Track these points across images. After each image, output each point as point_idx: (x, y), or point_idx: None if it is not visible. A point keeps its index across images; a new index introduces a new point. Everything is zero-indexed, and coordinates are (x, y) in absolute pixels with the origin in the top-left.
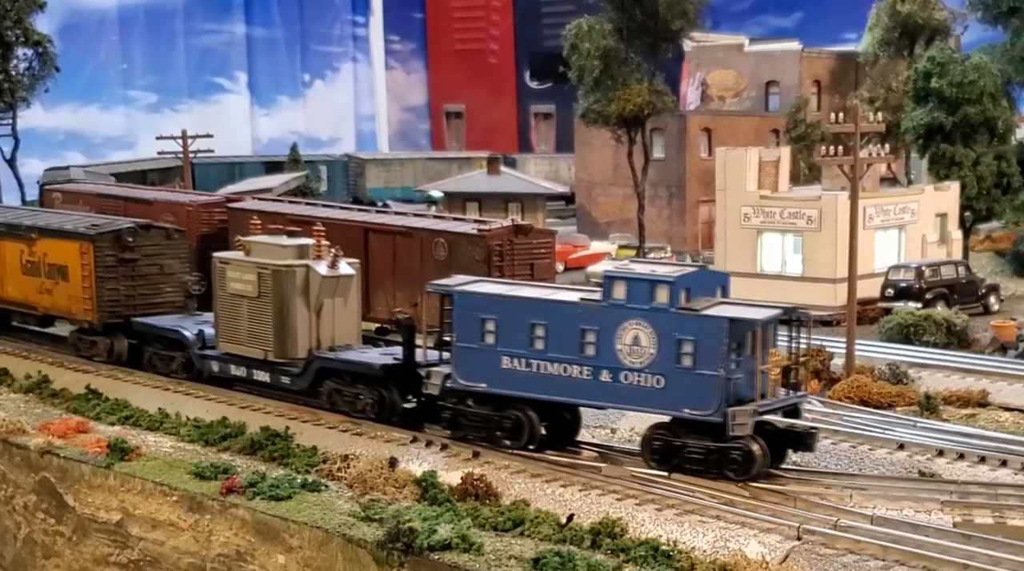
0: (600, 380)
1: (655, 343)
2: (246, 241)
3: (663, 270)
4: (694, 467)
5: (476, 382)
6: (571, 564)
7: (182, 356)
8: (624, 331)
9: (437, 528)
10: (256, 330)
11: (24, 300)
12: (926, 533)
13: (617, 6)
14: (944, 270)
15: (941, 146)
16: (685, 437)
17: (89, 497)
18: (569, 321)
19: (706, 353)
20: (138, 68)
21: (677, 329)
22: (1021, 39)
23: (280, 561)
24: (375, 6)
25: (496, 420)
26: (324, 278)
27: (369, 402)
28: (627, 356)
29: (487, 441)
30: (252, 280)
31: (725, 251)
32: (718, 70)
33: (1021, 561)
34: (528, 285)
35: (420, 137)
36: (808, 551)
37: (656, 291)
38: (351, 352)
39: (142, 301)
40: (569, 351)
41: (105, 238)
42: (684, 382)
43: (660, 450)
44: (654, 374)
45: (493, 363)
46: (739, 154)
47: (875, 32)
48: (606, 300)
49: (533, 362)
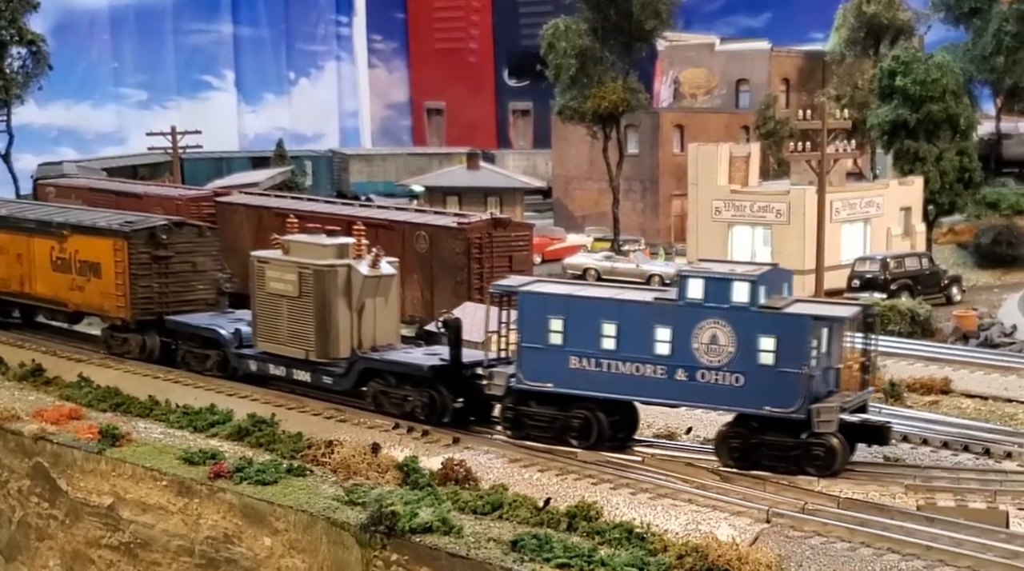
0: (675, 379)
1: (734, 341)
2: (284, 240)
3: (741, 269)
4: (773, 464)
5: (542, 382)
6: (548, 546)
7: (217, 354)
8: (701, 330)
9: (418, 512)
10: (297, 330)
11: (54, 297)
12: (891, 516)
13: (593, 7)
14: (908, 262)
15: (905, 142)
16: (761, 435)
17: (81, 482)
18: (642, 320)
19: (789, 351)
20: (129, 66)
21: (758, 327)
22: (982, 39)
23: (266, 543)
24: (358, 6)
25: (563, 420)
26: (366, 278)
27: (420, 404)
28: (704, 355)
29: (552, 442)
30: (292, 280)
31: (697, 244)
32: (690, 68)
33: (982, 543)
34: (595, 285)
35: (402, 133)
36: (777, 533)
37: (735, 290)
38: (395, 352)
39: (175, 298)
40: (642, 350)
41: (139, 235)
42: (765, 380)
43: (739, 449)
44: (733, 372)
45: (560, 363)
46: (710, 150)
47: (842, 32)
48: (682, 299)
49: (603, 362)
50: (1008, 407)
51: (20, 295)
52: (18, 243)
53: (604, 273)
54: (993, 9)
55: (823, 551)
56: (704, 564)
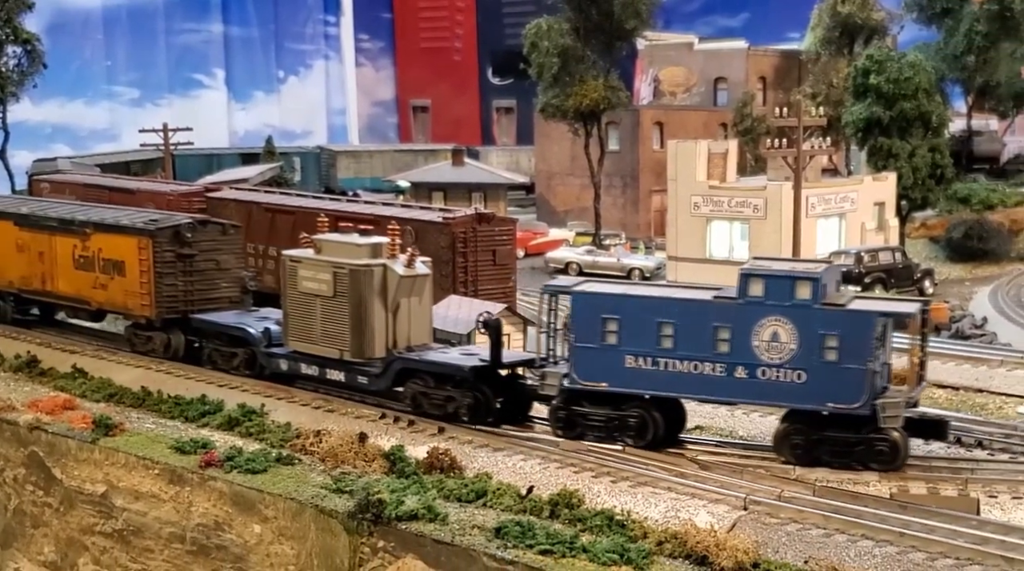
0: (735, 377)
1: (796, 339)
2: (317, 239)
3: (803, 267)
4: (836, 460)
5: (596, 382)
6: (531, 533)
7: (244, 353)
8: (762, 328)
9: (404, 499)
10: (331, 329)
11: (77, 295)
12: (865, 503)
13: (574, 7)
14: (882, 256)
15: (879, 139)
16: (822, 431)
17: (75, 470)
18: (701, 319)
19: (853, 347)
20: (121, 65)
21: (822, 324)
22: (953, 38)
23: (256, 530)
24: (346, 6)
25: (619, 419)
26: (402, 277)
27: (464, 405)
28: (765, 352)
29: (605, 441)
30: (327, 279)
31: (676, 238)
32: (669, 67)
33: (953, 529)
34: (649, 285)
35: (388, 130)
36: (754, 520)
37: (798, 288)
38: (432, 353)
39: (199, 296)
40: (700, 349)
41: (164, 233)
42: (828, 377)
43: (801, 446)
44: (795, 369)
45: (615, 362)
46: (689, 146)
47: (817, 31)
48: (742, 298)
49: (660, 360)
50: (979, 397)
51: (42, 293)
52: (39, 241)
53: (586, 267)
54: (964, 9)
55: (799, 537)
56: (683, 550)
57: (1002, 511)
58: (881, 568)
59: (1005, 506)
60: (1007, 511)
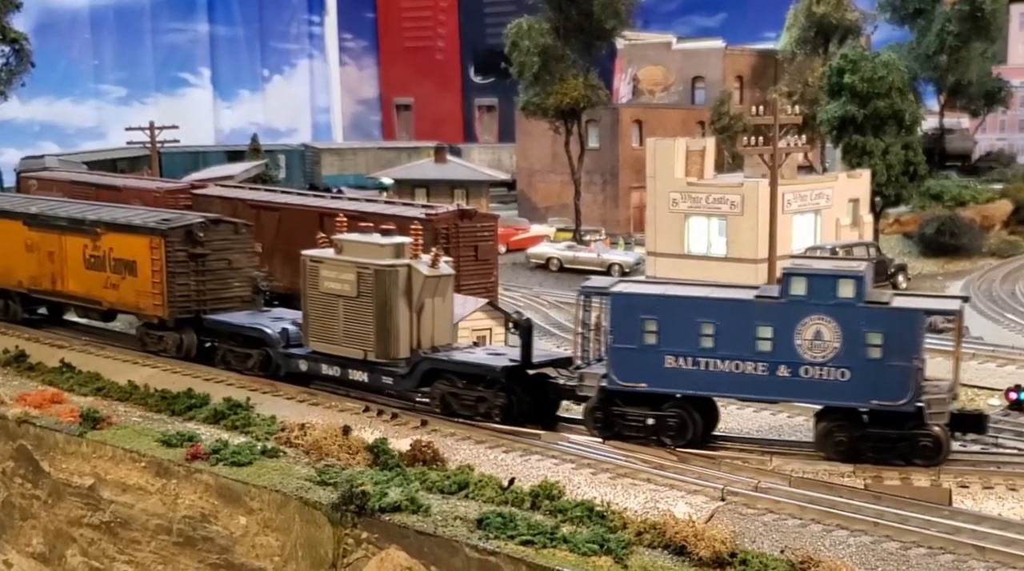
0: (777, 375)
1: (840, 337)
2: (338, 239)
3: (845, 265)
4: (879, 456)
5: (635, 382)
6: (512, 524)
7: (259, 353)
8: (805, 327)
9: (388, 491)
10: (354, 330)
11: (87, 295)
12: (839, 493)
13: (554, 7)
14: (856, 251)
15: (853, 137)
16: (864, 428)
17: (63, 463)
18: (742, 319)
19: (898, 344)
20: (108, 64)
21: (866, 323)
22: (926, 38)
23: (242, 522)
24: (330, 6)
25: (659, 420)
26: (427, 277)
27: (497, 406)
28: (807, 351)
29: (643, 441)
30: (350, 279)
31: (655, 234)
32: (648, 66)
33: (926, 519)
34: (688, 284)
35: (372, 128)
36: (731, 511)
37: (841, 286)
38: (459, 353)
39: (211, 296)
40: (742, 348)
41: (176, 233)
42: (873, 374)
43: (844, 443)
44: (838, 367)
45: (655, 363)
46: (668, 144)
47: (793, 31)
48: (784, 297)
49: (700, 360)
50: None
51: (51, 293)
52: (49, 241)
53: (566, 262)
54: (936, 10)
55: (775, 527)
56: (662, 541)
57: (974, 501)
58: (855, 557)
59: (976, 496)
60: (978, 501)
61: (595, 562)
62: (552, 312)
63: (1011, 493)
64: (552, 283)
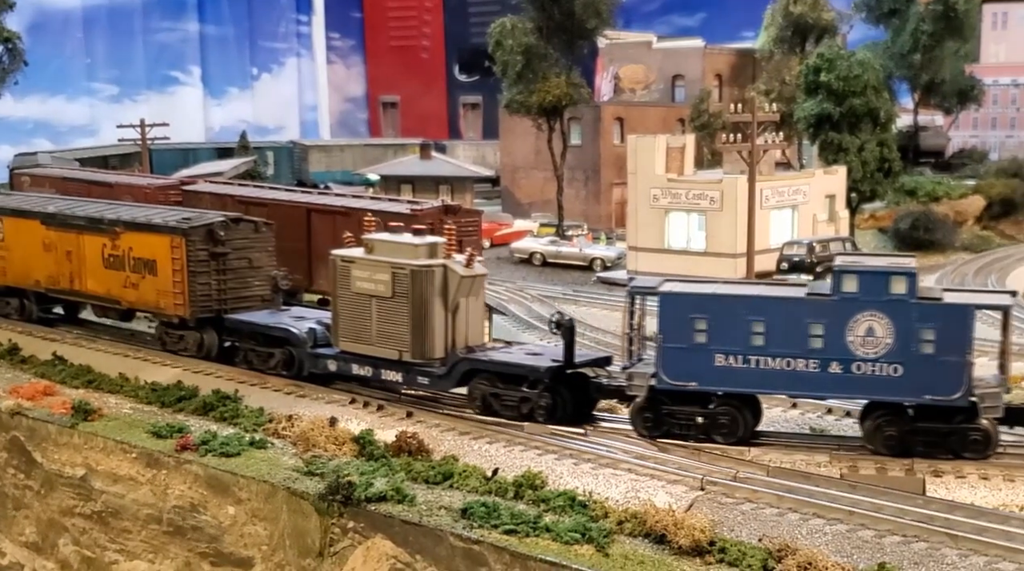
0: (828, 372)
1: (892, 333)
2: (368, 239)
3: (897, 262)
4: (928, 450)
5: (685, 381)
6: (496, 513)
7: (282, 353)
8: (857, 323)
9: (374, 481)
10: (388, 330)
11: (106, 294)
12: (816, 483)
13: (537, 6)
14: (832, 246)
15: (829, 134)
16: (914, 423)
17: (55, 454)
18: (793, 316)
19: (951, 340)
20: (100, 62)
21: (919, 318)
22: (900, 37)
23: (230, 512)
24: (317, 6)
25: (711, 418)
26: (462, 277)
27: (541, 406)
28: (860, 347)
29: (695, 439)
30: (385, 279)
31: (636, 229)
32: (629, 65)
33: (900, 507)
34: (737, 283)
35: (359, 125)
36: (711, 500)
37: (893, 283)
38: (497, 352)
39: (232, 295)
40: (793, 345)
41: (198, 232)
42: (925, 369)
43: (894, 437)
44: (891, 363)
45: (704, 362)
46: (648, 141)
47: (770, 31)
48: (836, 294)
49: (751, 358)
50: None
51: (69, 293)
52: (67, 240)
53: (549, 257)
54: (911, 10)
55: (753, 516)
56: (643, 529)
57: (947, 490)
58: (832, 545)
59: (949, 485)
60: (951, 490)
61: (577, 551)
62: (535, 305)
63: (983, 482)
64: (535, 277)
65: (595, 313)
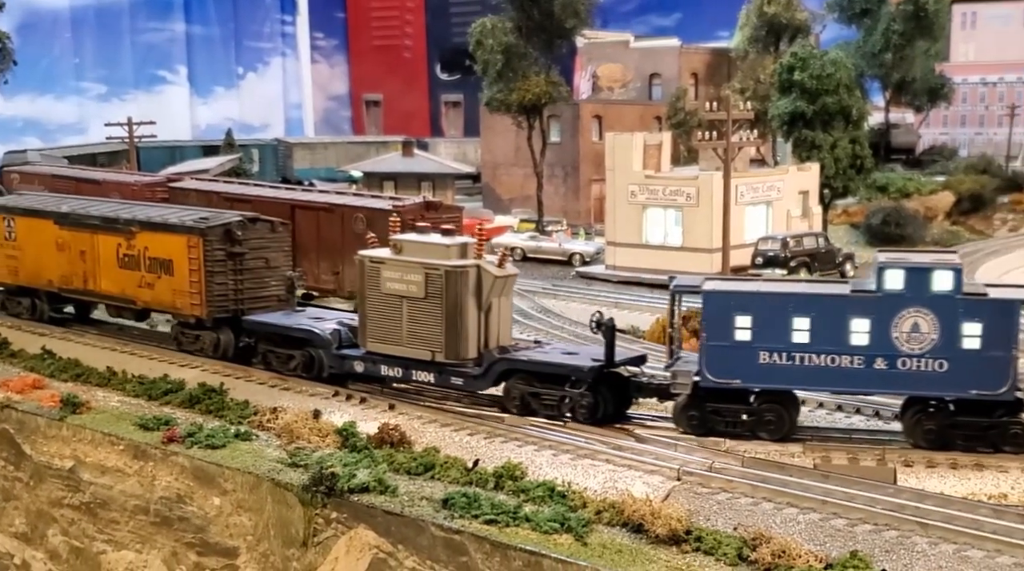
0: (873, 368)
1: (937, 329)
2: (397, 239)
3: (942, 258)
4: (969, 444)
5: (728, 379)
6: (477, 504)
7: (302, 354)
8: (902, 319)
9: (356, 473)
10: (421, 331)
11: (121, 294)
12: (790, 473)
13: (517, 6)
14: (806, 241)
15: (803, 131)
16: (954, 417)
17: (44, 446)
18: (838, 313)
19: (996, 335)
20: (89, 62)
21: (964, 314)
22: (872, 37)
23: (216, 502)
24: (301, 6)
25: (757, 415)
26: (496, 278)
27: (584, 406)
28: (904, 343)
29: (739, 436)
30: (417, 280)
31: (614, 224)
32: (607, 64)
33: (871, 496)
34: (780, 281)
35: (342, 123)
36: (687, 490)
37: (939, 279)
38: (535, 352)
39: (249, 295)
40: (837, 342)
41: (215, 232)
42: (971, 364)
43: (934, 431)
44: (936, 359)
45: (748, 359)
46: (626, 138)
47: (745, 30)
48: (880, 290)
49: (795, 355)
50: None
51: (83, 293)
52: (81, 240)
53: (529, 252)
54: (882, 10)
55: (728, 506)
56: (620, 519)
57: (917, 479)
58: (805, 534)
59: (919, 474)
60: (922, 479)
61: (556, 540)
62: (516, 300)
63: (952, 472)
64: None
65: (574, 307)
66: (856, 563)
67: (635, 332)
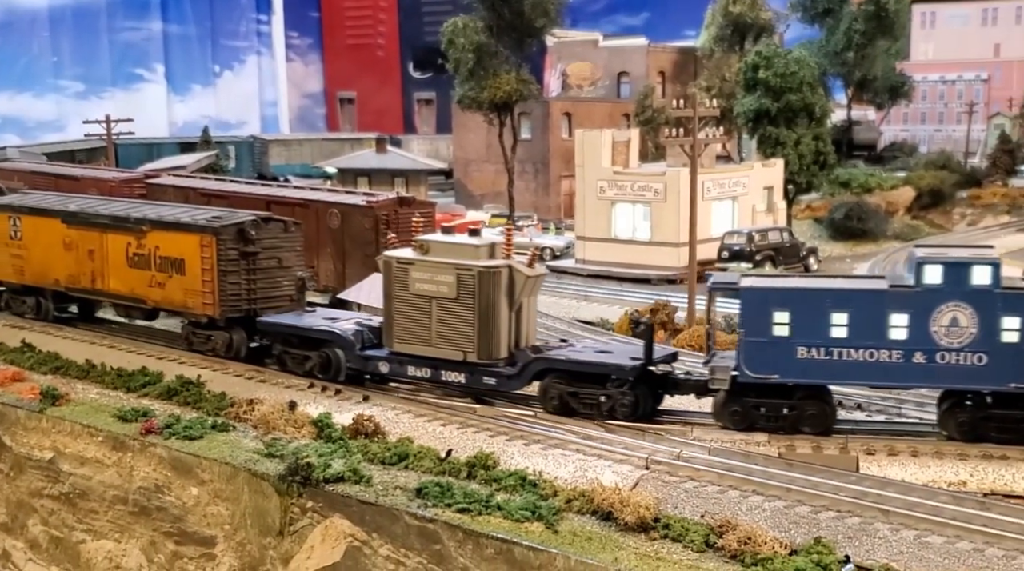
0: (912, 362)
1: (976, 323)
2: (423, 240)
3: (980, 253)
4: (1002, 436)
5: (767, 374)
6: (449, 493)
7: (318, 356)
8: (941, 314)
9: (332, 463)
10: (451, 332)
11: (130, 293)
12: (755, 461)
13: (488, 6)
14: (771, 235)
15: (768, 128)
16: (988, 409)
17: (24, 438)
18: (876, 308)
19: None
20: (67, 60)
21: (1003, 308)
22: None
23: (193, 492)
24: (276, 6)
25: (798, 410)
26: (528, 278)
27: (626, 404)
28: (943, 337)
29: (781, 431)
30: (449, 281)
31: (584, 219)
32: (576, 62)
33: (835, 484)
34: (815, 277)
35: (317, 120)
36: (655, 479)
37: (977, 273)
38: (570, 351)
39: (262, 295)
40: (876, 337)
41: (228, 231)
42: (1010, 358)
43: (967, 423)
44: (975, 352)
45: (786, 355)
46: (595, 135)
47: (711, 30)
48: (919, 285)
49: (833, 350)
50: None
51: (91, 292)
52: (89, 239)
53: None
54: (844, 10)
55: (696, 494)
56: (590, 507)
57: (879, 467)
58: (770, 521)
59: (881, 463)
60: (883, 467)
61: (527, 528)
62: None
63: (913, 460)
64: None
65: (544, 300)
66: (820, 549)
67: (604, 325)
